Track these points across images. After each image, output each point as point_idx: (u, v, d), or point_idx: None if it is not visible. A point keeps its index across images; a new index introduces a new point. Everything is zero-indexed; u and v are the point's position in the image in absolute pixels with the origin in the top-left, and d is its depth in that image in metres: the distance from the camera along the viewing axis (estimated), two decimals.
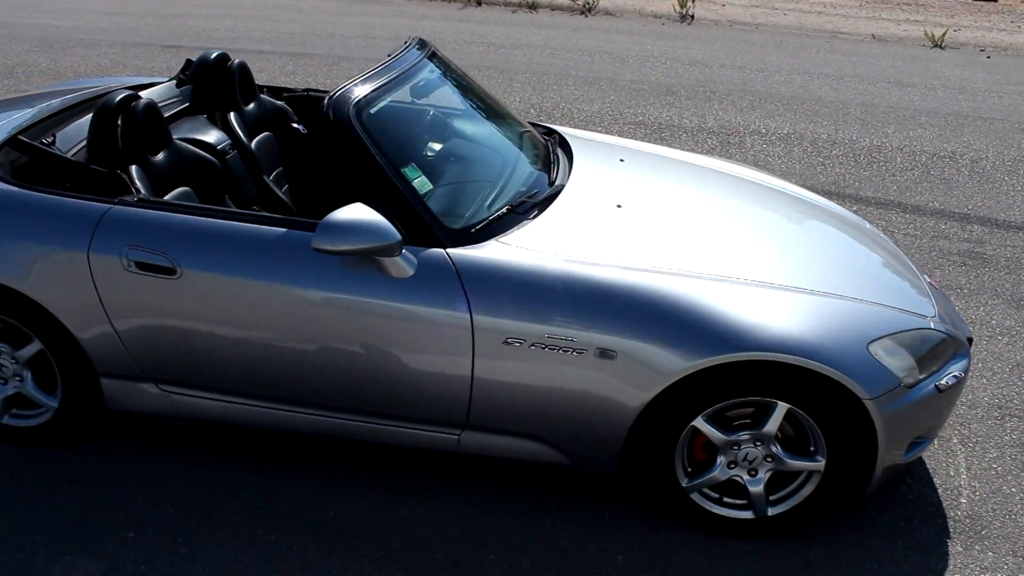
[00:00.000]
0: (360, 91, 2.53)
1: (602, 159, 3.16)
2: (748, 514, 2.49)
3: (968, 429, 3.12)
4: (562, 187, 2.82)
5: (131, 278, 2.47)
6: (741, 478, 2.46)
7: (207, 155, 3.00)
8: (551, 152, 3.14)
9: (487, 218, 2.51)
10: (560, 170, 2.99)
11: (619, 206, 2.74)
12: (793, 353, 2.26)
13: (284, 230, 2.43)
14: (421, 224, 2.39)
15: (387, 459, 2.81)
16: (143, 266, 2.46)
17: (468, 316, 2.34)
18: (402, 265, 2.33)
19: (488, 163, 2.85)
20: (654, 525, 2.57)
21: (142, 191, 2.61)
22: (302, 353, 2.45)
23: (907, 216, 5.05)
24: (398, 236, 2.29)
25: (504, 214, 2.56)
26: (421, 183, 2.45)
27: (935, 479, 2.86)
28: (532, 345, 2.33)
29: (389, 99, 2.63)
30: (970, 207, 5.26)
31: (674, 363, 2.27)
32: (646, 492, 2.64)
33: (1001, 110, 7.67)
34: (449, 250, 2.39)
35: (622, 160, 3.21)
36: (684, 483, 2.46)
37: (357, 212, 2.28)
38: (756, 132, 6.63)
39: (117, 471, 2.71)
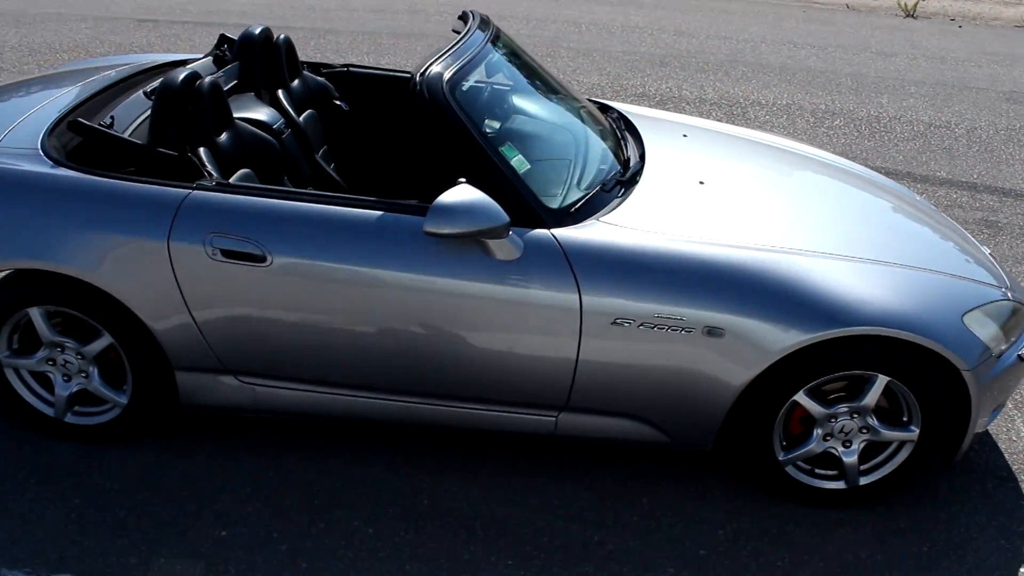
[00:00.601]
0: (447, 70, 2.45)
1: (666, 136, 3.13)
2: (840, 484, 2.53)
3: (1019, 393, 3.23)
4: (641, 165, 2.80)
5: (215, 267, 2.37)
6: (836, 450, 2.49)
7: (265, 135, 2.88)
8: (617, 129, 3.11)
9: (582, 198, 2.48)
10: (630, 147, 2.96)
11: (701, 183, 2.72)
12: (897, 327, 2.29)
13: (380, 213, 2.36)
14: (524, 205, 2.34)
15: (478, 444, 2.78)
16: (229, 254, 2.36)
17: (577, 297, 2.30)
18: (510, 247, 2.28)
19: (565, 141, 2.79)
20: (751, 497, 2.59)
21: (214, 174, 2.50)
22: (398, 339, 2.39)
23: (919, 186, 5.15)
24: (507, 218, 2.23)
25: (595, 194, 2.53)
26: (519, 162, 2.39)
27: (999, 444, 2.95)
28: (641, 325, 2.31)
29: (474, 78, 2.56)
30: (975, 176, 5.38)
31: (781, 339, 2.28)
32: (742, 466, 2.66)
33: (983, 79, 7.86)
34: (554, 231, 2.34)
35: (685, 136, 3.19)
36: (780, 456, 2.49)
37: (467, 194, 2.22)
38: (757, 103, 6.67)
39: (193, 468, 2.63)
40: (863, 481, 2.53)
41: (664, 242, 2.36)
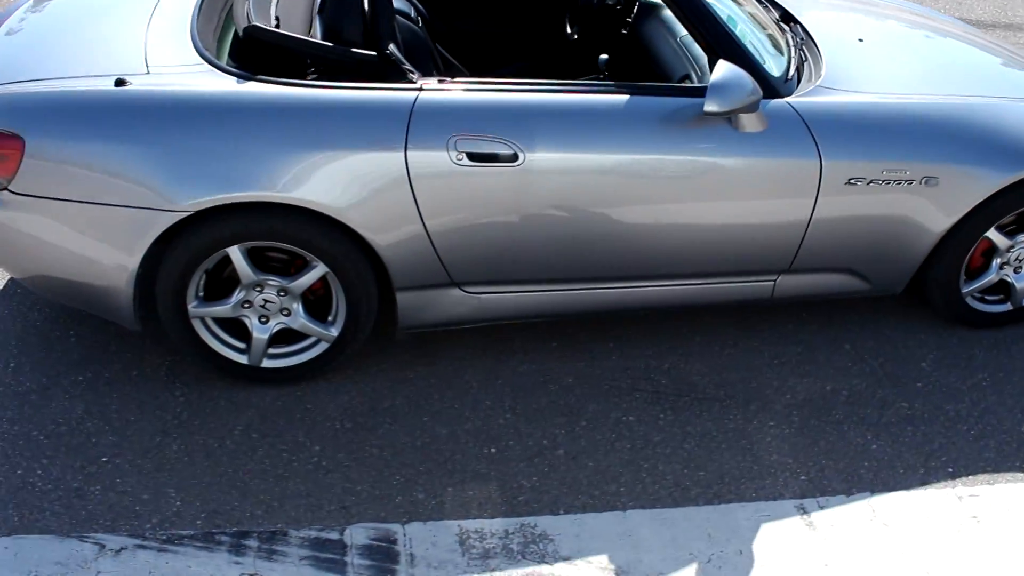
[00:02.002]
0: None
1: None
2: (1007, 307, 2.83)
3: None
4: (806, 30, 2.80)
5: (459, 172, 2.20)
6: (1008, 277, 2.77)
7: (412, 24, 2.63)
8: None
9: (790, 67, 2.49)
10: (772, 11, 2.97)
11: (860, 40, 2.80)
12: None
13: (628, 97, 2.26)
14: (762, 78, 2.32)
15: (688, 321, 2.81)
16: (476, 157, 2.20)
17: (818, 162, 2.36)
18: (760, 119, 2.28)
19: (739, 14, 2.76)
20: (946, 328, 2.80)
21: (415, 72, 2.27)
22: (645, 224, 2.35)
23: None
24: (761, 91, 2.23)
25: (799, 62, 2.55)
26: (743, 37, 2.37)
27: None
28: (871, 182, 2.41)
29: None
30: None
31: (986, 181, 2.47)
32: (935, 310, 2.82)
33: None
34: (789, 100, 2.36)
35: None
36: (963, 289, 2.75)
37: (735, 71, 2.18)
38: None
39: (416, 393, 2.51)
40: None
41: (882, 100, 2.45)
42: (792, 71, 2.47)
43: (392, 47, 2.30)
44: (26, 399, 2.48)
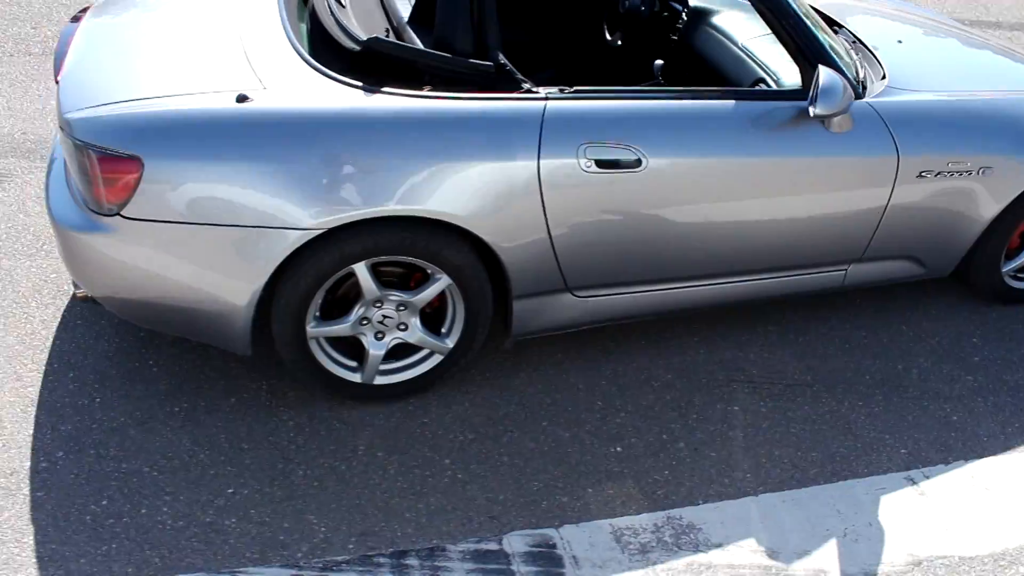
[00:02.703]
0: None
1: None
2: None
3: None
4: (853, 33, 2.96)
5: (587, 179, 2.24)
6: None
7: None
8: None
9: (858, 70, 2.66)
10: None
11: (900, 42, 3.01)
12: None
13: (733, 102, 2.36)
14: (848, 81, 2.47)
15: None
16: (604, 164, 2.24)
17: (895, 158, 2.53)
18: (849, 120, 2.42)
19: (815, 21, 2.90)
20: (984, 306, 3.03)
21: (527, 80, 2.29)
22: (747, 221, 2.46)
23: None
24: (854, 94, 2.39)
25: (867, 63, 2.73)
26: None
27: None
28: (938, 174, 2.61)
29: None
30: None
31: None
32: (975, 289, 3.02)
33: None
34: (869, 100, 2.53)
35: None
36: (1003, 269, 3.00)
37: (835, 76, 2.31)
38: None
39: (526, 399, 2.53)
40: None
41: (943, 98, 2.66)
42: (862, 74, 2.65)
43: (501, 56, 2.32)
44: (125, 434, 2.35)
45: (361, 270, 2.22)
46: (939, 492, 2.37)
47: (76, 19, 2.56)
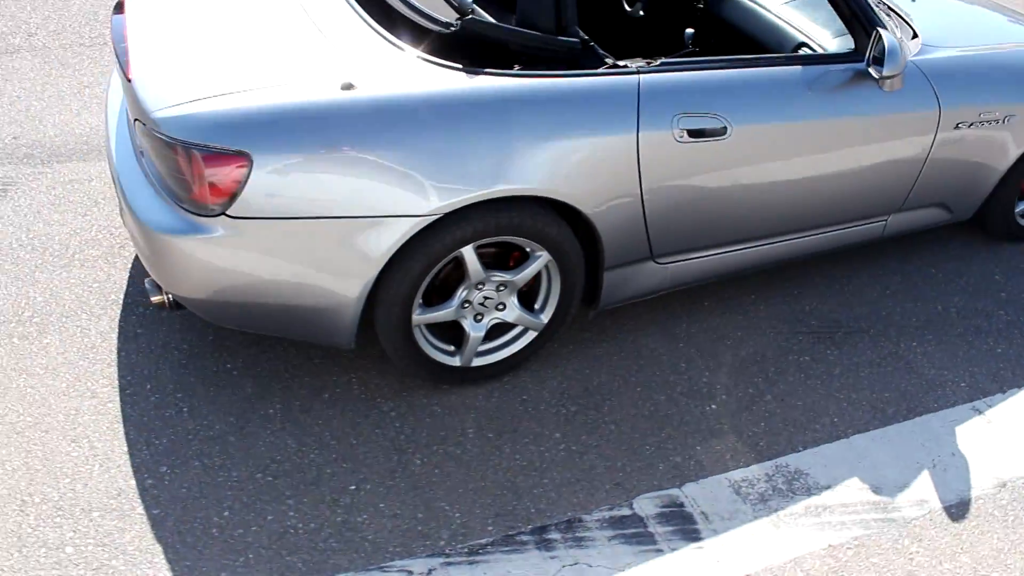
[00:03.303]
0: None
1: None
2: None
3: None
4: None
5: (679, 149, 2.29)
6: None
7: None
8: None
9: (897, 31, 2.77)
10: None
11: (913, 0, 3.16)
12: None
13: (800, 68, 2.45)
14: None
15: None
16: (695, 133, 2.28)
17: (937, 112, 2.68)
18: (902, 79, 2.54)
19: None
20: (997, 244, 3.24)
21: (608, 55, 2.29)
22: (815, 178, 2.57)
23: None
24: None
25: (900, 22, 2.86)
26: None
27: None
28: (971, 124, 2.78)
29: None
30: None
31: None
32: (990, 230, 3.22)
33: None
34: (912, 59, 2.66)
35: None
36: (1017, 209, 3.23)
37: (894, 39, 2.42)
38: None
39: (609, 370, 2.58)
40: None
41: (972, 52, 2.82)
42: (898, 34, 2.78)
43: (576, 28, 2.32)
44: (225, 441, 2.27)
45: (469, 253, 2.21)
46: (1004, 419, 2.57)
47: (119, 9, 2.41)
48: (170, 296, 2.31)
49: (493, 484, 2.23)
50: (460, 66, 2.13)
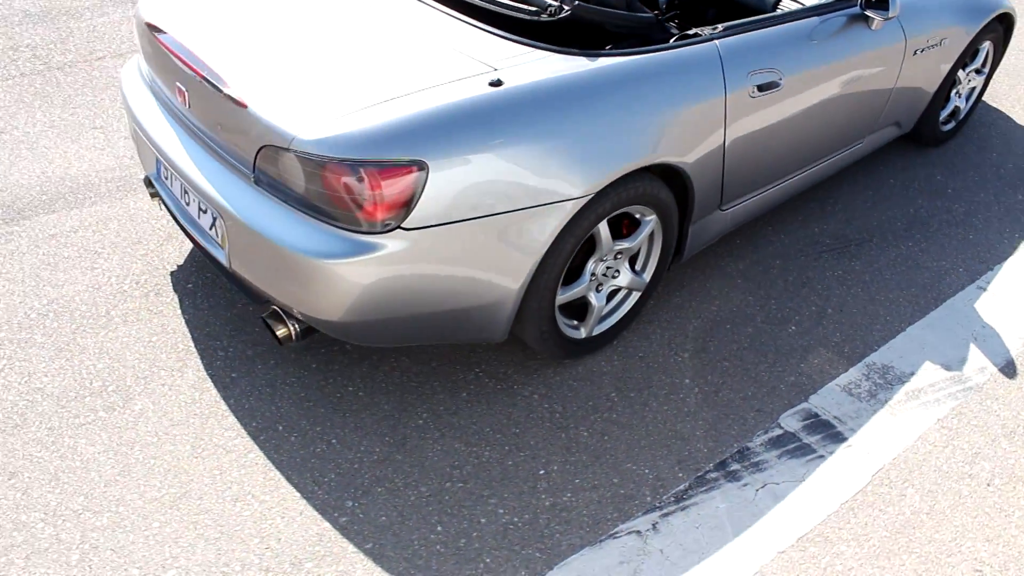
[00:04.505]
0: None
1: None
2: (953, 125, 3.95)
3: None
4: None
5: (752, 104, 2.50)
6: (959, 103, 3.85)
7: None
8: None
9: None
10: None
11: None
12: None
13: (819, 17, 2.74)
14: None
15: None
16: (762, 87, 2.49)
17: (904, 42, 3.09)
18: (882, 19, 2.91)
19: None
20: (925, 150, 3.76)
21: (673, 26, 2.43)
22: (836, 115, 2.90)
23: None
24: None
25: None
26: None
27: None
28: (923, 50, 3.23)
29: None
30: None
31: (967, 33, 3.44)
32: (921, 139, 3.77)
33: None
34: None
35: None
36: (941, 117, 3.77)
37: None
38: None
39: (696, 311, 2.79)
40: None
41: None
42: None
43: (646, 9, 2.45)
44: (394, 461, 2.22)
45: (603, 227, 2.30)
46: (1002, 290, 3.09)
47: (153, 28, 2.18)
48: (298, 327, 2.19)
49: (659, 436, 2.38)
50: (578, 51, 2.20)
